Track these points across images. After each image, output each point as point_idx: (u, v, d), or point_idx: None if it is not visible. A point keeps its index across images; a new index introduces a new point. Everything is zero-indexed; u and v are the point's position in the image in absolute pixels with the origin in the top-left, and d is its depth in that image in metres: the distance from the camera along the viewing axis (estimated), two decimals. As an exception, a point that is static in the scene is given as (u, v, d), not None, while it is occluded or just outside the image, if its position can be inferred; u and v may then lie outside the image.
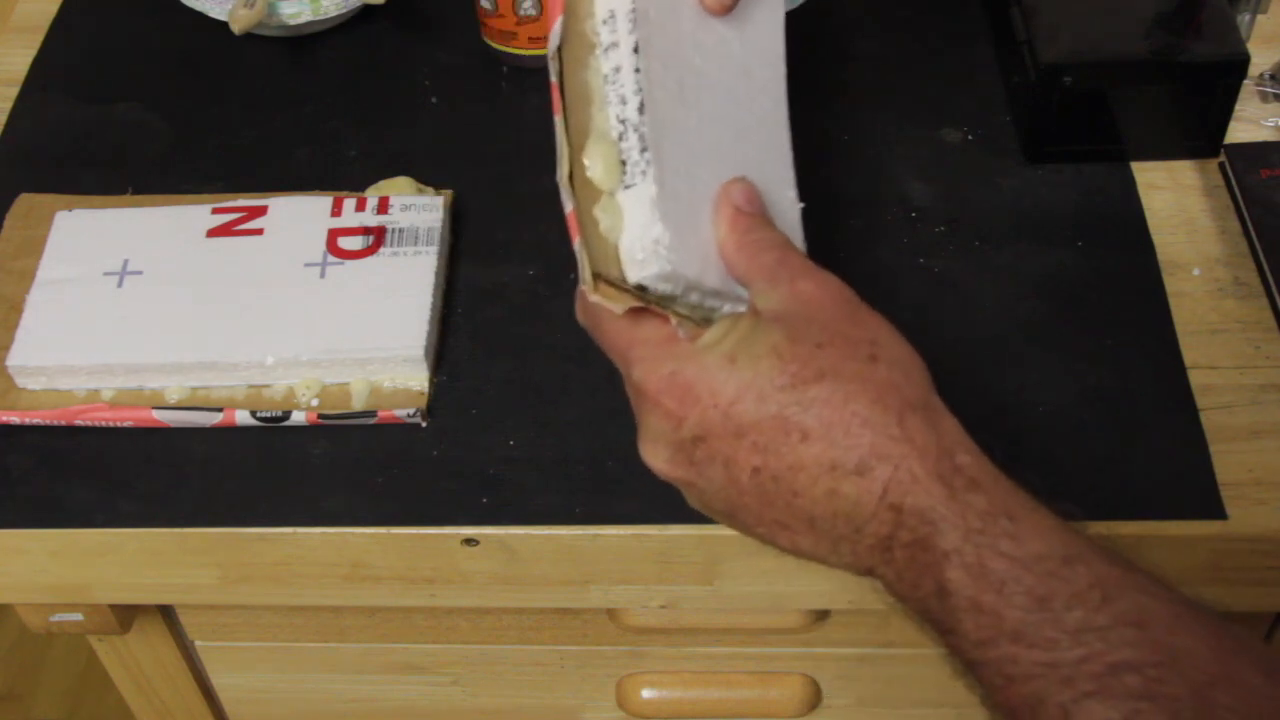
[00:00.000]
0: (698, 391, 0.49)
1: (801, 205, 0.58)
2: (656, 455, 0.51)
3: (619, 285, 0.51)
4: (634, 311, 0.51)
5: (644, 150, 0.51)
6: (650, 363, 0.50)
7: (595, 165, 0.51)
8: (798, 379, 0.48)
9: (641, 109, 0.51)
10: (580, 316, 0.53)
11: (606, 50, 0.52)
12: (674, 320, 0.50)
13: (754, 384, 0.48)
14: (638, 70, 0.51)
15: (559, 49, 0.52)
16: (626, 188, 0.51)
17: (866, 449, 0.47)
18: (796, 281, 0.50)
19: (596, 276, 0.51)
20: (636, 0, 0.52)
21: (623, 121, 0.51)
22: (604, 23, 0.52)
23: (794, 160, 0.58)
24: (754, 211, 0.53)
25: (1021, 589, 0.45)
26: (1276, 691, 0.44)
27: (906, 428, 0.47)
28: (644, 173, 0.51)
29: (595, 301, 0.50)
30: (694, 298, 0.53)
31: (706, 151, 0.54)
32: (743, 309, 0.53)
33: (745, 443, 0.48)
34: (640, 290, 0.51)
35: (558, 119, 0.51)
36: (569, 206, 0.51)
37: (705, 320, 0.53)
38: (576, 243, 0.51)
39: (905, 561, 0.48)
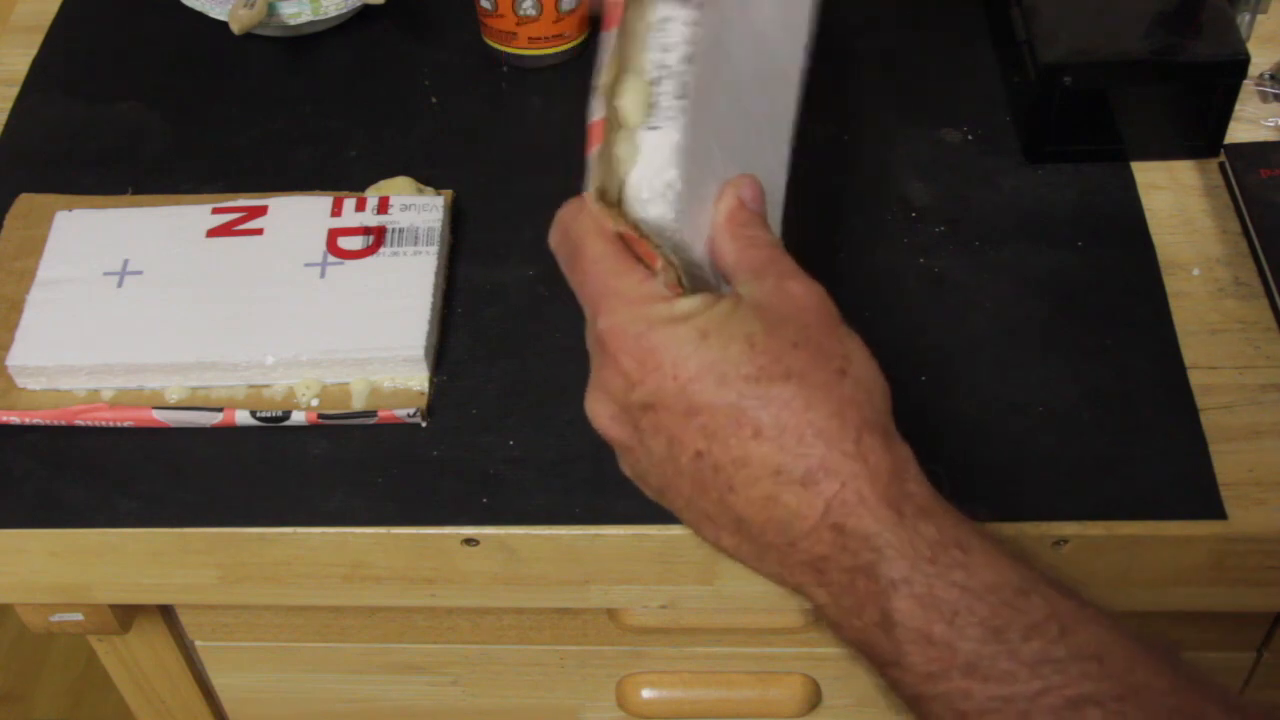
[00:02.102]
0: (660, 359, 0.47)
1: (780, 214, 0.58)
2: (601, 410, 0.50)
3: (619, 209, 0.50)
4: (617, 257, 0.49)
5: (680, 97, 0.50)
6: (619, 316, 0.48)
7: (627, 99, 0.50)
8: (764, 372, 0.46)
9: (688, 60, 0.50)
10: (555, 239, 0.51)
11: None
12: (660, 263, 0.49)
13: (718, 366, 0.46)
14: (694, 23, 0.51)
15: None
16: (650, 128, 0.50)
17: (816, 461, 0.45)
18: (784, 280, 0.49)
19: (602, 194, 0.50)
20: None
21: (661, 66, 0.51)
22: None
23: (789, 174, 0.59)
24: (756, 210, 0.53)
25: (975, 619, 0.43)
26: None
27: (861, 446, 0.46)
28: (672, 119, 0.50)
29: (595, 211, 0.49)
30: (677, 262, 0.52)
31: (723, 139, 0.54)
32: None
33: (694, 423, 0.47)
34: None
35: (611, 35, 0.51)
36: (597, 115, 0.50)
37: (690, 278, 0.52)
38: (593, 151, 0.50)
39: (843, 586, 0.46)
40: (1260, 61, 0.81)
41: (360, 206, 0.74)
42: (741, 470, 0.46)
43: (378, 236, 0.72)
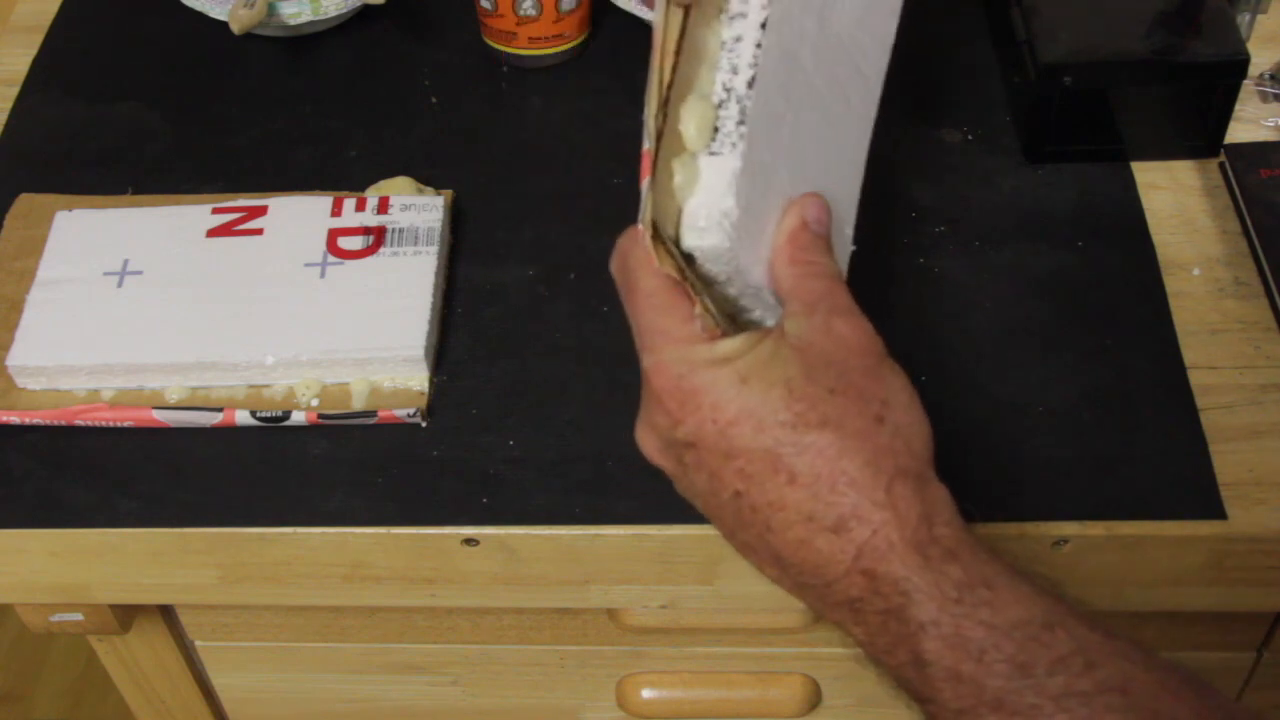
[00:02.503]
0: (700, 401, 0.48)
1: (854, 249, 0.57)
2: (649, 442, 0.51)
3: (668, 248, 0.50)
4: (667, 293, 0.50)
5: (741, 123, 0.50)
6: (664, 355, 0.49)
7: (689, 122, 0.50)
8: (800, 419, 0.47)
9: (751, 84, 0.50)
10: (615, 266, 0.52)
11: (733, 18, 0.51)
12: (698, 308, 0.49)
13: (757, 411, 0.47)
14: (759, 46, 0.50)
15: None
16: (711, 154, 0.50)
17: (848, 509, 0.47)
18: (833, 317, 0.49)
19: (654, 227, 0.49)
20: None
21: (728, 90, 0.50)
22: None
23: (859, 201, 0.58)
24: (820, 233, 0.52)
25: (1002, 656, 0.45)
26: None
27: (893, 494, 0.47)
28: (734, 145, 0.50)
29: (647, 247, 0.49)
30: (733, 290, 0.52)
31: (791, 156, 0.53)
32: (771, 321, 0.52)
33: (733, 465, 0.48)
34: (687, 260, 0.50)
35: (663, 58, 0.50)
36: (646, 144, 0.50)
37: (729, 319, 0.53)
38: (645, 182, 0.49)
39: (878, 627, 0.47)
40: (1260, 61, 0.81)
41: (360, 206, 0.74)
42: (778, 514, 0.48)
43: (378, 236, 0.72)
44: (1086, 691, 0.44)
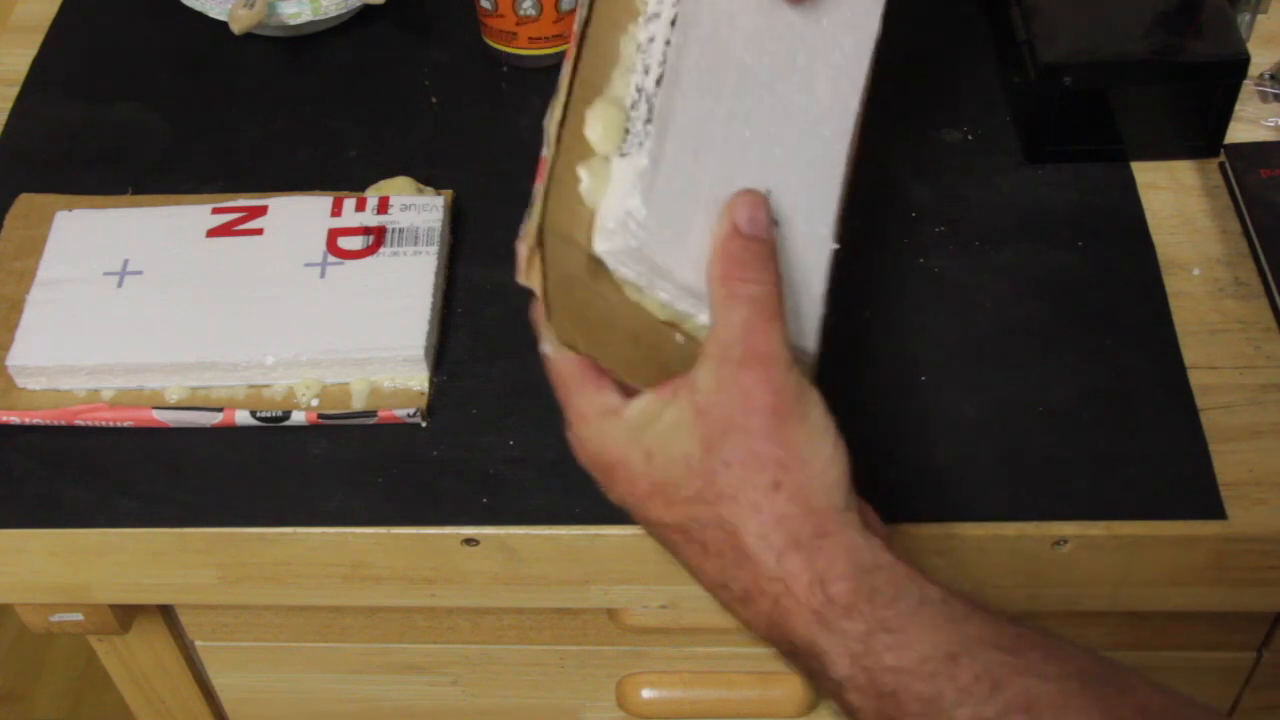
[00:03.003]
0: (616, 477, 0.51)
1: (836, 247, 0.55)
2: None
3: (543, 257, 0.49)
4: (571, 368, 0.50)
5: (648, 121, 0.49)
6: (580, 430, 0.51)
7: (595, 126, 0.49)
8: (700, 496, 0.49)
9: (659, 81, 0.49)
10: (521, 277, 0.51)
11: (649, 19, 0.50)
12: (547, 333, 0.49)
13: (664, 489, 0.50)
14: (668, 43, 0.49)
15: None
16: (622, 155, 0.49)
17: (748, 582, 0.49)
18: (742, 370, 0.49)
19: (541, 234, 0.48)
20: None
21: (640, 90, 0.49)
22: None
23: (843, 197, 0.56)
24: (753, 235, 0.50)
25: (912, 695, 0.46)
26: None
27: (784, 565, 0.48)
28: (641, 144, 0.49)
29: (522, 255, 0.49)
30: (664, 295, 0.50)
31: (725, 150, 0.51)
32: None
33: (656, 532, 0.51)
34: (598, 265, 0.49)
35: (567, 65, 0.49)
36: (545, 152, 0.49)
37: (670, 327, 0.51)
38: (536, 186, 0.49)
39: (809, 679, 0.49)
40: (1260, 61, 0.81)
41: (360, 206, 0.74)
42: (700, 575, 0.51)
43: (378, 236, 0.72)
44: (992, 717, 0.45)
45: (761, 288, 0.50)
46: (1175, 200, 0.77)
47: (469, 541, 0.65)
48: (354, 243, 0.72)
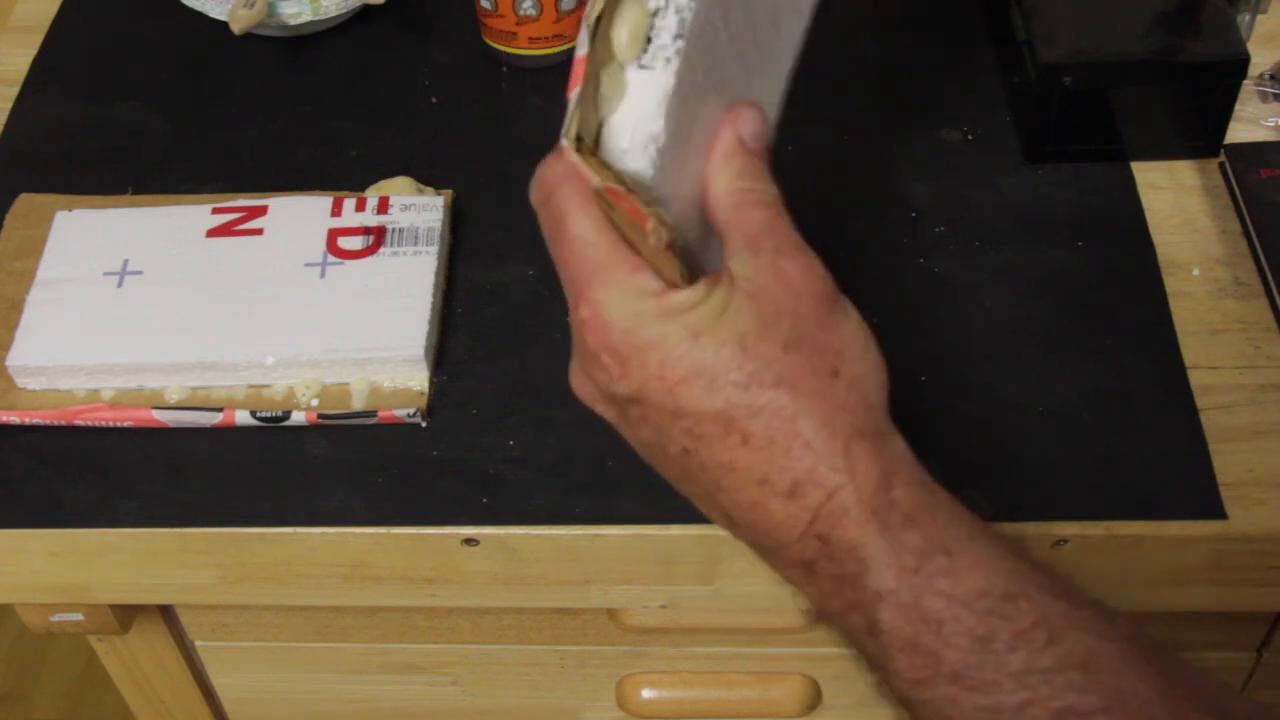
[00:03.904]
0: (647, 359, 0.45)
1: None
2: (585, 391, 0.49)
3: (601, 160, 0.45)
4: (605, 237, 0.45)
5: (679, 37, 0.45)
6: (606, 309, 0.46)
7: (623, 29, 0.45)
8: (754, 379, 0.44)
9: None
10: (536, 199, 0.48)
11: None
12: (650, 223, 0.44)
13: (708, 371, 0.45)
14: None
15: None
16: (641, 67, 0.45)
17: (803, 473, 0.44)
18: (780, 258, 0.46)
19: (580, 140, 0.45)
20: None
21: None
22: None
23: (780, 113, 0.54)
24: (757, 151, 0.48)
25: (961, 629, 0.43)
26: None
27: (850, 457, 0.45)
28: (668, 61, 0.45)
29: (573, 161, 0.44)
30: (667, 220, 0.47)
31: (720, 78, 0.49)
32: (706, 257, 0.48)
33: (680, 425, 0.46)
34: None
35: None
36: (582, 50, 0.45)
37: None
38: (574, 92, 0.45)
39: (831, 590, 0.46)
40: (1260, 61, 0.81)
41: (360, 206, 0.74)
42: (729, 474, 0.46)
43: (378, 236, 0.72)
44: (1048, 668, 0.42)
45: (772, 194, 0.48)
46: (1175, 200, 0.77)
47: (469, 541, 0.65)
48: (354, 243, 0.72)
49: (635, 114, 0.45)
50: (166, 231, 0.73)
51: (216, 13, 0.85)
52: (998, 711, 0.42)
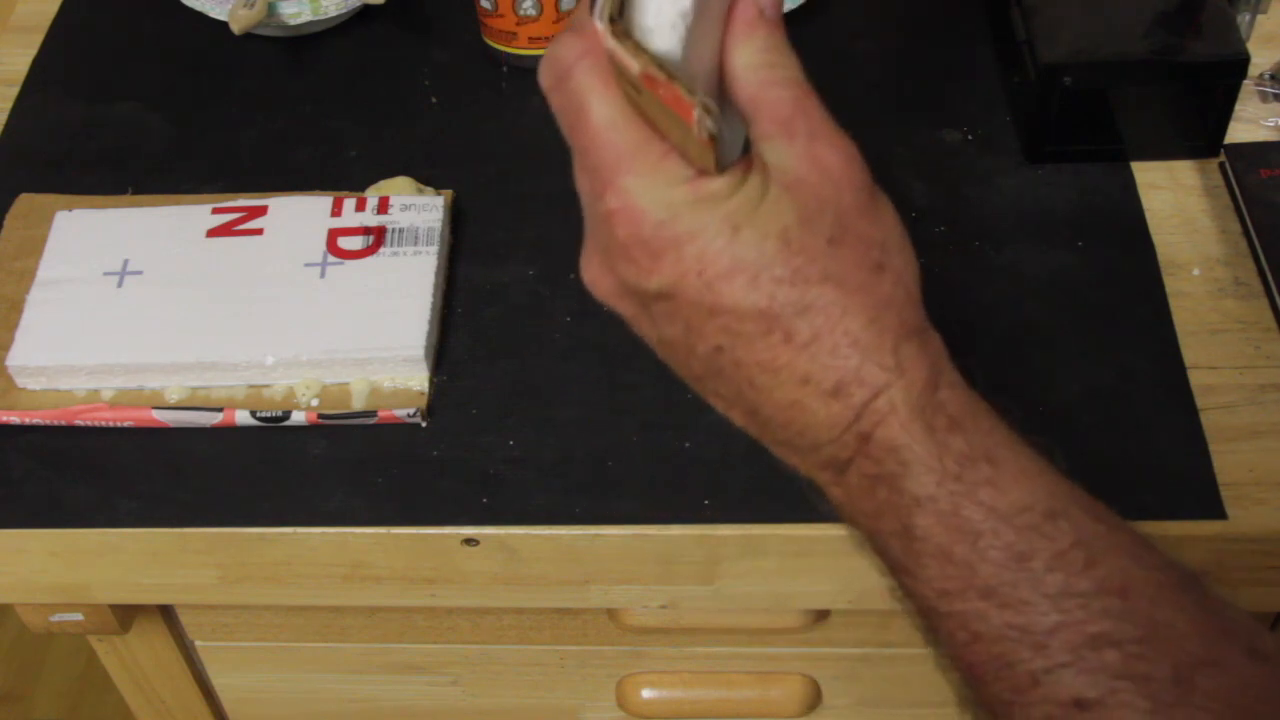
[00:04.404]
0: (684, 253, 0.42)
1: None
2: (604, 285, 0.46)
3: (636, 42, 0.41)
4: (632, 122, 0.43)
5: None
6: (638, 199, 0.43)
7: None
8: (799, 275, 0.42)
9: None
10: (548, 82, 0.44)
11: None
12: (696, 111, 0.41)
13: (751, 266, 0.42)
14: None
15: None
16: None
17: (850, 371, 0.42)
18: (816, 143, 0.43)
19: (614, 21, 0.41)
20: None
21: None
22: None
23: None
24: (776, 20, 0.45)
25: (999, 544, 0.41)
26: (1260, 676, 0.41)
27: (900, 355, 0.43)
28: None
29: (611, 47, 0.41)
30: (712, 107, 0.44)
31: None
32: (730, 139, 0.45)
33: (717, 322, 0.43)
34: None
35: None
36: None
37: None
38: None
39: (862, 491, 0.44)
40: (1260, 61, 0.81)
41: (360, 206, 0.74)
42: (766, 374, 0.43)
43: (378, 236, 0.72)
44: (1085, 592, 0.41)
45: (796, 70, 0.45)
46: (1175, 200, 0.77)
47: (469, 541, 0.65)
48: (354, 243, 0.72)
49: None
50: (166, 231, 0.73)
51: (216, 13, 0.85)
52: (1028, 631, 0.41)
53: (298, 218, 0.73)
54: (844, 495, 0.45)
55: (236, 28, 0.81)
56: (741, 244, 0.42)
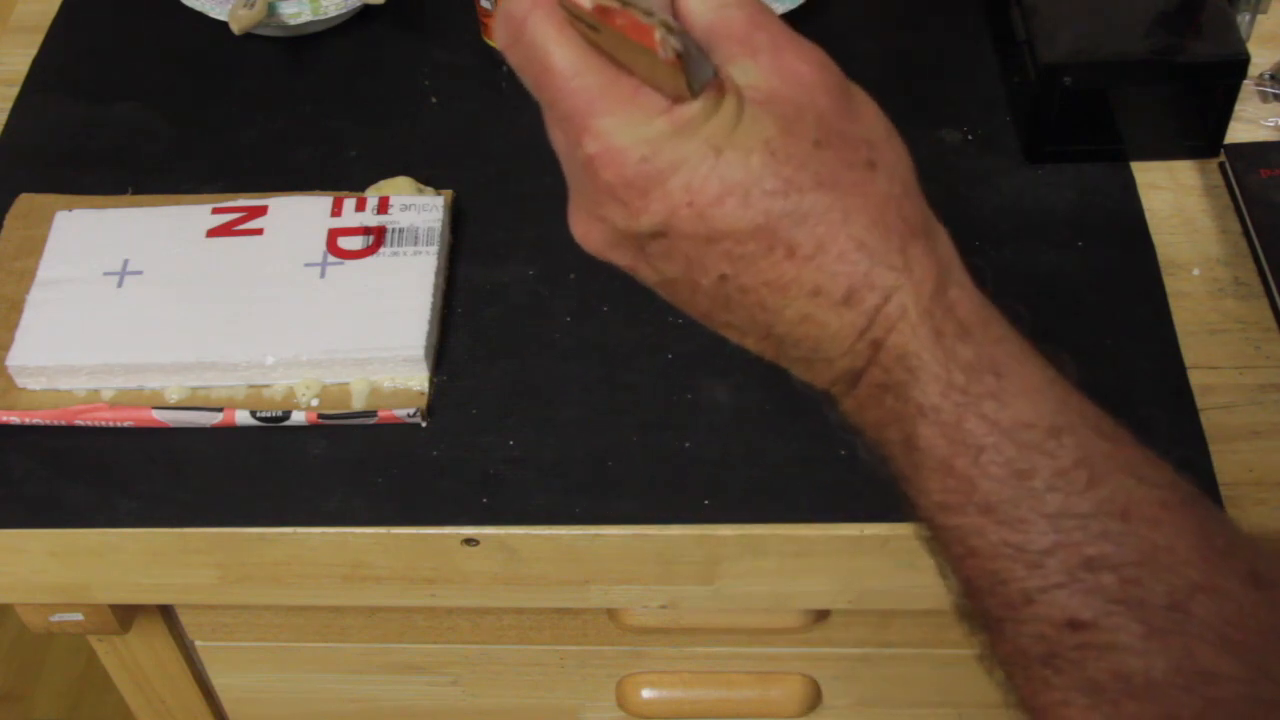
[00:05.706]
0: (671, 186, 0.41)
1: None
2: (594, 236, 0.45)
3: None
4: (593, 62, 0.42)
5: None
6: (614, 138, 0.41)
7: None
8: (792, 185, 0.41)
9: None
10: (504, 39, 0.44)
11: None
12: (658, 34, 0.40)
13: (740, 185, 0.41)
14: None
15: None
16: None
17: (859, 277, 0.41)
18: (781, 55, 0.42)
19: None
20: None
21: None
22: None
23: None
24: None
25: (1000, 459, 0.41)
26: (1257, 603, 0.41)
27: (908, 255, 0.42)
28: None
29: None
30: (674, 26, 0.43)
31: None
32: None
33: (717, 249, 0.42)
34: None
35: None
36: None
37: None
38: None
39: (871, 399, 0.43)
40: (1260, 61, 0.81)
41: (360, 206, 0.74)
42: (774, 293, 0.42)
43: (378, 236, 0.72)
44: (1084, 513, 0.40)
45: None
46: (1175, 200, 0.77)
47: (469, 541, 0.65)
48: (354, 243, 0.72)
49: None
50: (166, 231, 0.73)
51: (216, 13, 0.85)
52: (1024, 550, 0.41)
53: (298, 218, 0.73)
54: (854, 405, 0.44)
55: (236, 28, 0.81)
56: (726, 165, 0.41)
